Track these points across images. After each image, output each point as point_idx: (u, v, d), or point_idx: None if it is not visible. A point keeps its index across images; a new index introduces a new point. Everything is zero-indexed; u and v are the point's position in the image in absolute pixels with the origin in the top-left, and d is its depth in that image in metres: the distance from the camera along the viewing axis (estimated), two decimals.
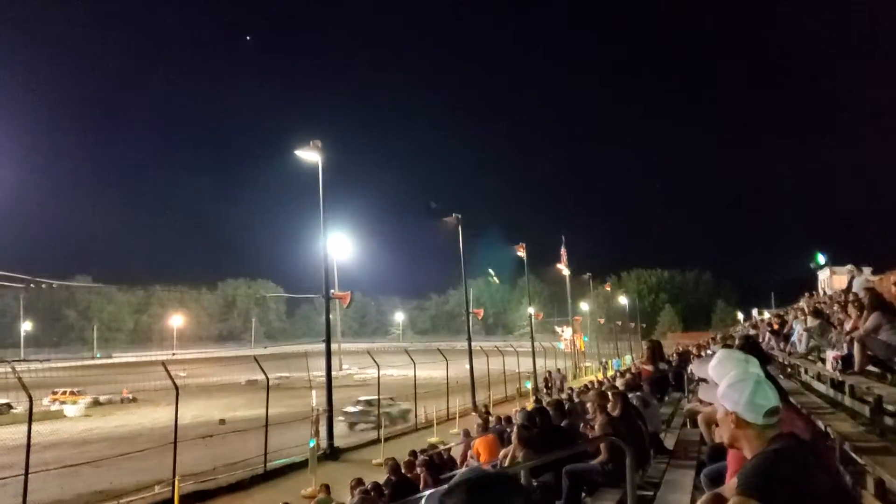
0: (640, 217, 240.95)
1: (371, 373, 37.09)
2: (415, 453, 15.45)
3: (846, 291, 18.48)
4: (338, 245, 50.64)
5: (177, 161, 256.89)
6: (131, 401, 47.62)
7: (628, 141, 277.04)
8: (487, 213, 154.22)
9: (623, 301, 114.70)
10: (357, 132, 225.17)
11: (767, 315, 41.68)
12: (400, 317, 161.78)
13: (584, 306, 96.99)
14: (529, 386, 43.67)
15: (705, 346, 30.74)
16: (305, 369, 38.82)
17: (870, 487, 5.41)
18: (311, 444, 19.95)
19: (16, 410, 34.59)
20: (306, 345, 56.26)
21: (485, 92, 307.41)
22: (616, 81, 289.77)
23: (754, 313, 65.00)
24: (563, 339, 78.89)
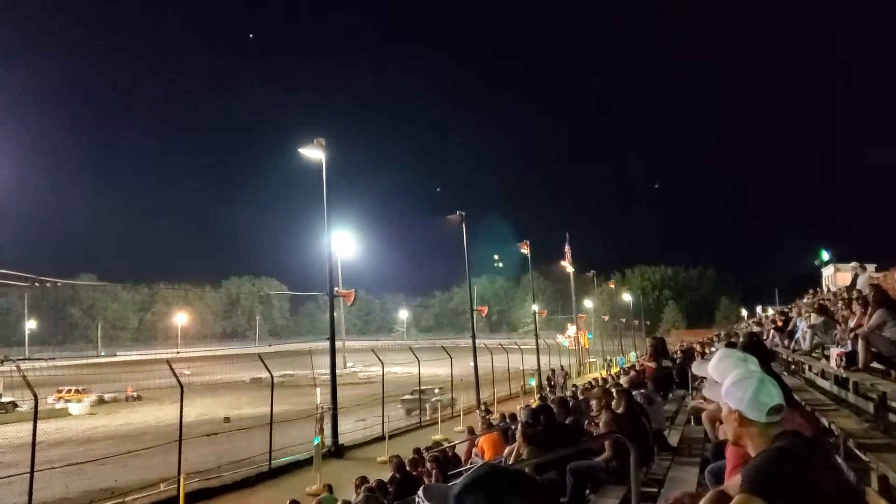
0: (644, 214, 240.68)
1: (375, 370, 37.22)
2: (419, 451, 15.48)
3: (850, 288, 18.44)
4: (342, 243, 50.64)
5: (180, 159, 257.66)
6: (136, 399, 47.80)
7: (632, 138, 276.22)
8: (491, 211, 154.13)
9: (627, 298, 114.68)
10: (360, 130, 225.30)
11: (771, 312, 41.60)
12: (404, 314, 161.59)
13: (589, 303, 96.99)
14: (533, 383, 43.64)
15: (709, 344, 30.70)
16: (310, 367, 38.82)
17: (874, 484, 5.40)
18: (315, 441, 19.98)
19: (21, 409, 34.72)
20: (310, 342, 56.14)
21: (488, 90, 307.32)
22: (617, 79, 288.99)
23: (758, 310, 64.87)
24: (568, 336, 78.92)
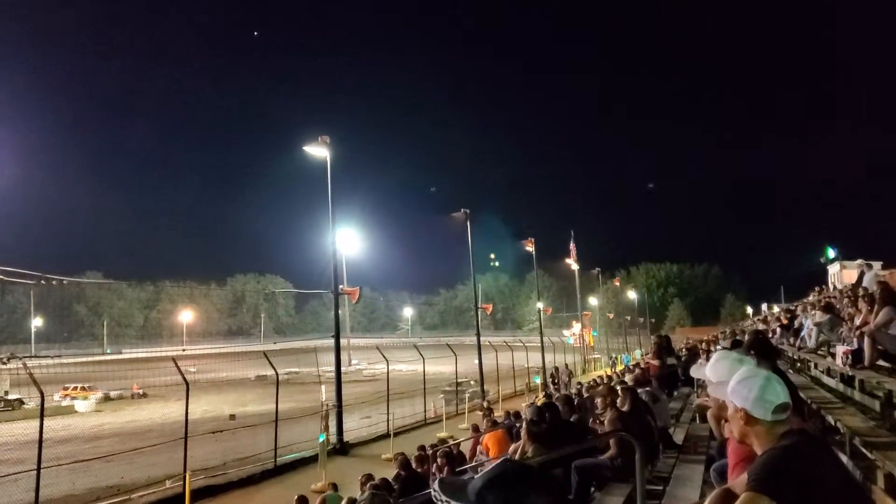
0: (649, 211, 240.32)
1: (380, 368, 37.24)
2: (424, 448, 15.47)
3: (856, 286, 18.41)
4: (346, 240, 50.66)
5: (185, 157, 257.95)
6: (142, 396, 47.84)
7: (635, 136, 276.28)
8: (496, 209, 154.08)
9: (632, 296, 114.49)
10: (364, 128, 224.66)
11: (777, 309, 41.55)
12: (409, 312, 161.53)
13: (594, 301, 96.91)
14: (538, 381, 43.64)
15: (714, 342, 30.66)
16: (315, 364, 38.95)
17: (880, 482, 5.40)
18: (320, 438, 20.01)
19: (27, 406, 34.80)
20: (315, 340, 56.30)
21: (491, 89, 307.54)
22: (619, 79, 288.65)
23: (764, 308, 64.86)
24: (573, 334, 78.87)
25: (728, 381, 2.97)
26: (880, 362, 8.98)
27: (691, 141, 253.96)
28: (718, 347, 20.40)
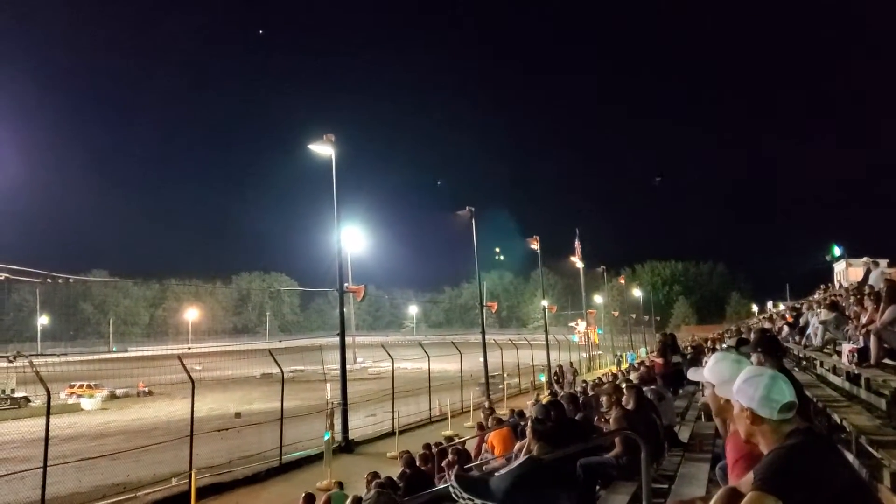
0: (654, 209, 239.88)
1: (385, 366, 37.30)
2: (429, 446, 15.48)
3: (862, 283, 18.35)
4: (351, 238, 50.63)
5: (190, 156, 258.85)
6: (147, 394, 47.93)
7: (638, 135, 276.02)
8: (501, 207, 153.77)
9: (637, 293, 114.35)
10: (369, 126, 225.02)
11: (782, 307, 41.44)
12: (414, 310, 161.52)
13: (599, 299, 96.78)
14: (543, 379, 43.64)
15: (719, 340, 30.60)
16: (320, 362, 38.95)
17: (886, 481, 5.39)
18: (325, 437, 20.02)
19: (34, 404, 34.90)
20: (320, 338, 56.46)
21: (495, 87, 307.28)
22: (620, 78, 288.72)
23: (769, 305, 64.63)
24: (578, 331, 78.85)
25: (733, 380, 2.96)
26: (886, 360, 8.95)
27: (694, 140, 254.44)
28: (724, 346, 20.38)
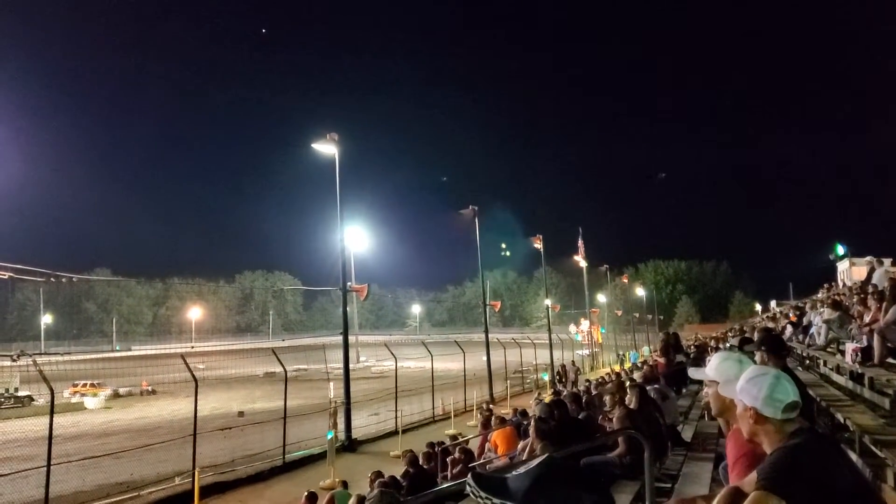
0: (658, 208, 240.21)
1: (388, 365, 37.28)
2: (433, 445, 15.50)
3: (866, 283, 18.31)
4: (354, 238, 50.60)
5: (193, 155, 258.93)
6: (151, 393, 47.95)
7: (645, 132, 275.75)
8: (504, 205, 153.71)
9: (640, 292, 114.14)
10: (373, 125, 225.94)
11: (786, 306, 41.38)
12: (417, 309, 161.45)
13: (602, 298, 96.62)
14: (546, 378, 43.64)
15: (723, 339, 30.58)
16: (323, 361, 38.97)
17: (889, 481, 5.38)
18: (329, 436, 20.02)
19: (37, 402, 34.90)
20: (323, 337, 56.41)
21: (500, 86, 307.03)
22: (626, 76, 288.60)
23: (772, 305, 64.51)
24: (581, 331, 78.75)
25: (736, 379, 2.96)
26: (890, 359, 8.95)
27: (698, 138, 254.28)
28: (727, 345, 20.37)
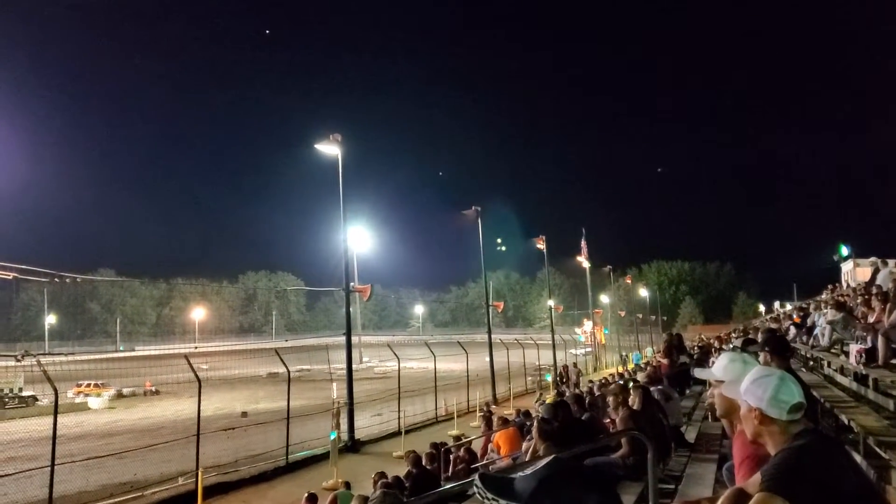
0: (661, 208, 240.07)
1: (391, 365, 37.23)
2: (436, 446, 15.49)
3: (870, 284, 18.28)
4: (357, 238, 50.67)
5: (196, 155, 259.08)
6: (154, 393, 47.98)
7: (647, 132, 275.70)
8: (507, 206, 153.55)
9: (644, 293, 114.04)
10: (373, 125, 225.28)
11: (789, 307, 41.33)
12: (420, 309, 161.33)
13: (605, 299, 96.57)
14: (549, 379, 43.63)
15: (726, 340, 30.55)
16: (326, 362, 38.94)
17: (894, 482, 5.37)
18: (332, 436, 20.03)
19: (41, 403, 34.93)
20: (327, 337, 56.32)
21: (500, 86, 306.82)
22: (629, 76, 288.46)
23: (776, 305, 64.50)
24: (584, 332, 78.74)
25: (741, 380, 2.95)
26: (894, 361, 8.92)
27: (701, 139, 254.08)
28: (731, 346, 20.34)
